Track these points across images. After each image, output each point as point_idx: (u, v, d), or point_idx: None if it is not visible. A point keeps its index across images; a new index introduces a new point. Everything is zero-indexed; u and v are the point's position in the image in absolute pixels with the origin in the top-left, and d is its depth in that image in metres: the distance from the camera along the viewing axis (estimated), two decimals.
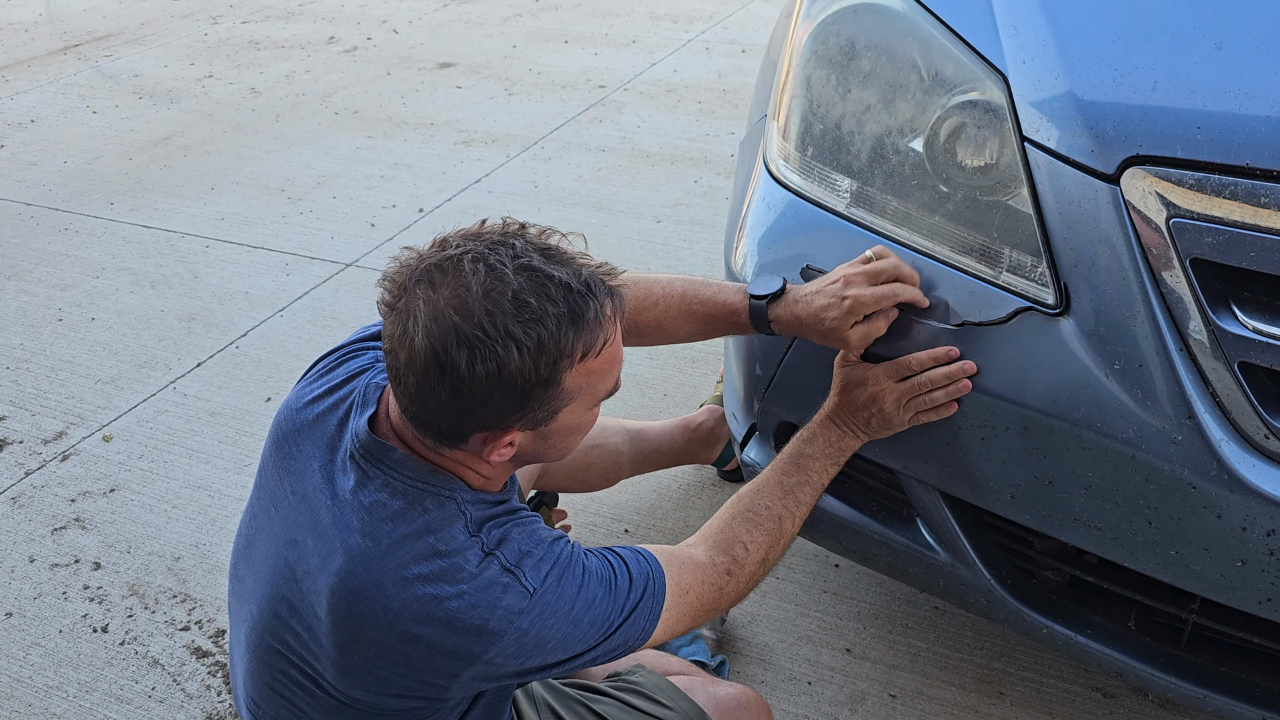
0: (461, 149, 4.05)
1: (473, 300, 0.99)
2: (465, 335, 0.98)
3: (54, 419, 2.53)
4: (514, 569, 1.08)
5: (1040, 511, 1.24)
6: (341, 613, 1.08)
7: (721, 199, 3.50)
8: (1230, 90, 1.08)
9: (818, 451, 1.35)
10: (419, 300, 1.01)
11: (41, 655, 1.88)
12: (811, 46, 1.46)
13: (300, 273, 3.17)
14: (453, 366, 0.98)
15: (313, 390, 1.22)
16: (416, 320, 1.00)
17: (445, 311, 0.99)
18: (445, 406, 1.02)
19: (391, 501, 1.08)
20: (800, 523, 1.35)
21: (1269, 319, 1.06)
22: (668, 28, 5.55)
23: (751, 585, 1.31)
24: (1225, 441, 1.08)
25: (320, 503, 1.12)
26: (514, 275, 1.00)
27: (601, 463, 1.92)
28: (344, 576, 1.07)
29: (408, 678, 1.08)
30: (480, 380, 0.99)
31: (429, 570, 1.05)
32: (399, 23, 5.90)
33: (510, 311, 0.99)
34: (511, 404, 1.02)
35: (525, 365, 0.99)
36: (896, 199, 1.33)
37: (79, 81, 5.06)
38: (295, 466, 1.17)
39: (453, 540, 1.07)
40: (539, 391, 1.03)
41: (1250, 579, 1.12)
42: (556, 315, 1.00)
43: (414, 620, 1.05)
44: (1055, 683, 1.73)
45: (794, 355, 1.41)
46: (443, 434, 1.06)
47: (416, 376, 1.01)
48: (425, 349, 0.99)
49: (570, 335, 1.02)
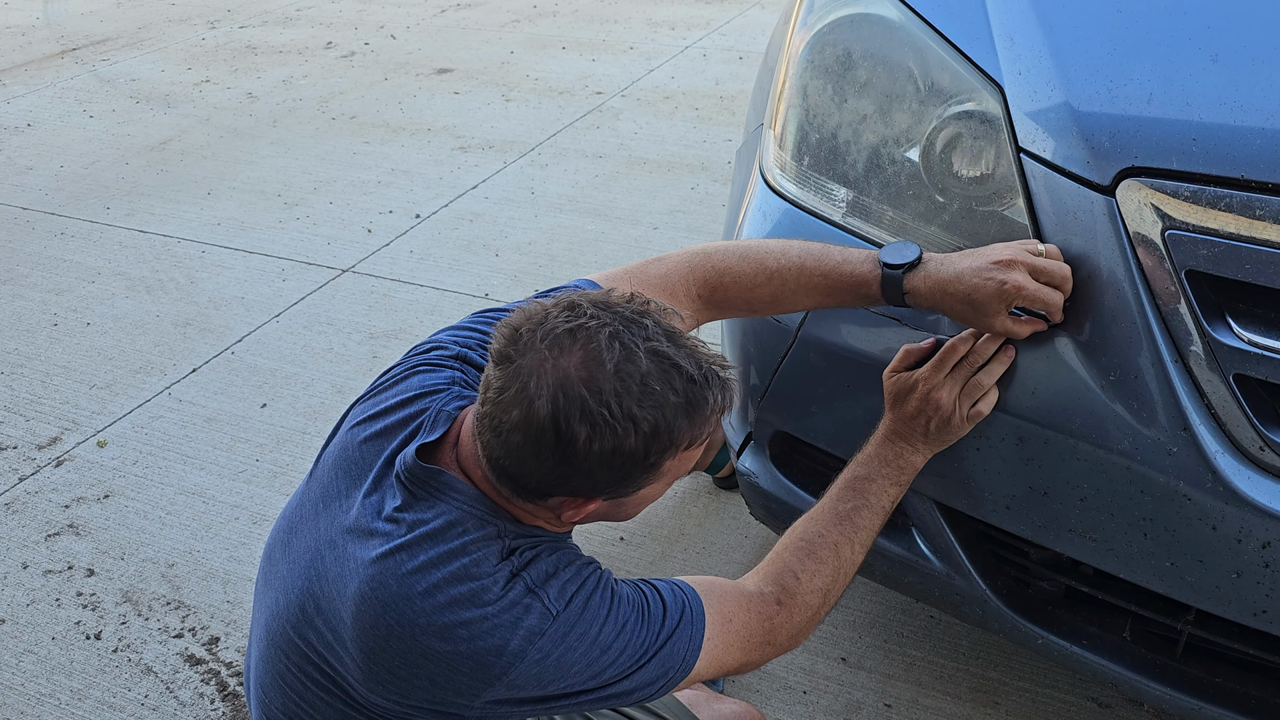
0: (458, 155, 4.05)
1: (604, 377, 0.98)
2: (590, 411, 0.97)
3: (48, 424, 2.52)
4: (538, 590, 1.07)
5: (1036, 522, 1.24)
6: (368, 621, 1.08)
7: (718, 206, 3.51)
8: (1226, 102, 1.08)
9: (874, 472, 1.28)
10: (547, 362, 0.99)
11: (34, 662, 1.87)
12: (808, 56, 1.46)
13: (296, 278, 3.17)
14: (570, 439, 0.98)
15: (387, 399, 1.21)
16: (542, 383, 0.98)
17: (574, 382, 0.98)
18: (545, 472, 1.02)
19: (434, 520, 1.08)
20: (863, 549, 1.27)
21: (1264, 331, 1.06)
22: (665, 34, 5.56)
23: (811, 618, 1.23)
24: (1220, 454, 1.08)
25: (368, 514, 1.13)
26: (645, 359, 1.00)
27: None
28: (375, 586, 1.07)
29: (429, 692, 1.08)
30: (593, 456, 0.99)
31: (458, 592, 1.05)
32: (396, 28, 5.90)
33: (637, 396, 0.98)
34: (610, 480, 1.03)
35: (638, 449, 1.00)
36: (892, 209, 1.33)
37: (76, 86, 5.05)
38: (354, 472, 1.18)
39: (485, 563, 1.07)
40: (639, 474, 1.04)
41: (1245, 591, 1.12)
42: (676, 405, 1.00)
43: (437, 637, 1.05)
44: (1050, 693, 1.73)
45: (789, 364, 1.41)
46: (527, 490, 1.05)
47: (526, 437, 1.00)
48: (547, 414, 0.98)
49: (684, 426, 1.02)
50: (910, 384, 1.26)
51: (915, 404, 1.26)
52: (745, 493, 1.60)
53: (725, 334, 1.60)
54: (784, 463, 1.53)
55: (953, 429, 1.25)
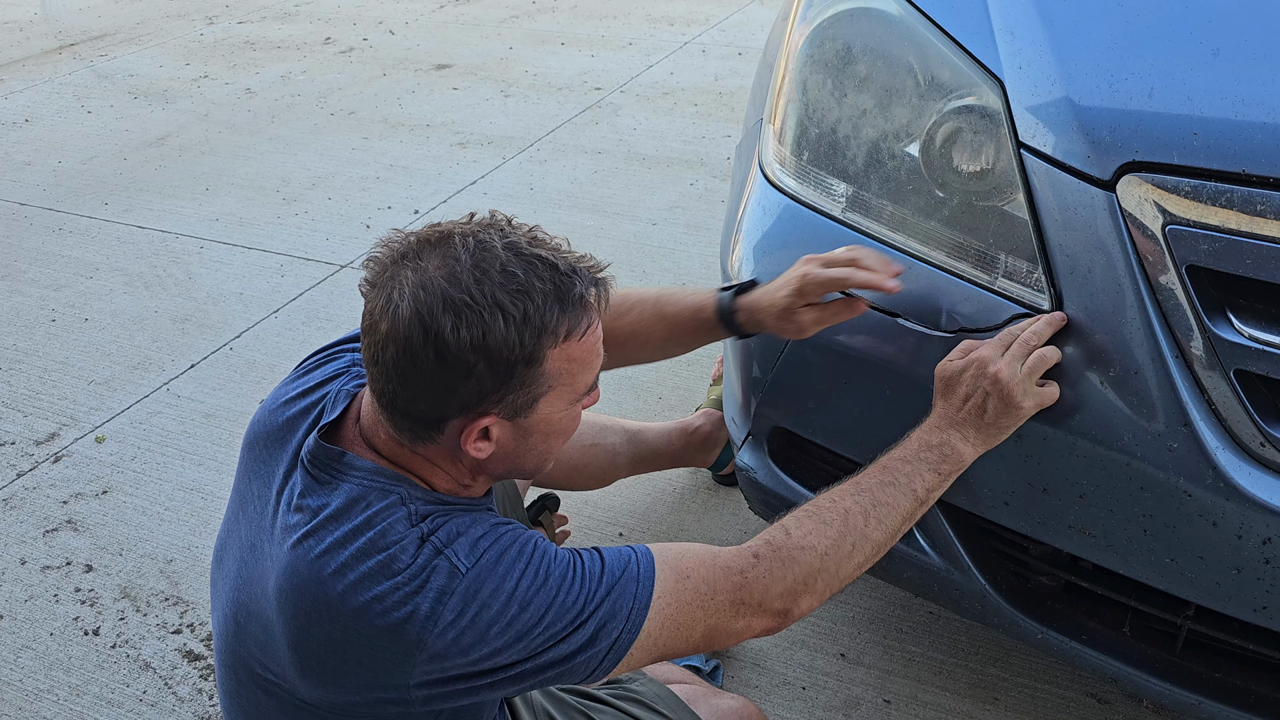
0: (457, 151, 4.04)
1: (461, 270, 0.99)
2: (452, 300, 0.98)
3: (46, 420, 2.52)
4: (444, 549, 1.04)
5: (1035, 519, 1.24)
6: (289, 613, 1.07)
7: (717, 202, 3.50)
8: (1227, 97, 1.07)
9: (912, 454, 1.18)
10: (406, 271, 1.01)
11: (32, 658, 1.87)
12: (808, 51, 1.46)
13: (295, 274, 3.16)
14: (437, 331, 0.98)
15: (288, 392, 1.21)
16: (403, 289, 1.00)
17: (434, 279, 0.99)
18: (427, 380, 1.00)
19: (335, 501, 1.07)
20: (881, 526, 1.15)
21: (1265, 327, 1.06)
22: (664, 30, 5.55)
23: (800, 578, 1.10)
24: (1221, 449, 1.08)
25: (281, 509, 1.12)
26: (502, 250, 1.01)
27: (598, 462, 1.92)
28: (289, 576, 1.07)
29: (360, 676, 1.06)
30: (465, 347, 0.98)
31: (367, 568, 1.03)
32: (395, 24, 5.89)
33: (498, 281, 0.99)
34: (493, 379, 1.01)
35: (510, 336, 0.99)
36: (892, 204, 1.33)
37: (74, 81, 5.04)
38: (264, 470, 1.17)
39: (392, 532, 1.05)
40: (521, 369, 1.02)
41: (1246, 587, 1.12)
42: (543, 291, 1.01)
43: (354, 617, 1.03)
44: (1050, 688, 1.73)
45: (787, 360, 1.41)
46: (419, 420, 1.04)
47: (398, 346, 1.00)
48: (410, 314, 0.98)
49: (555, 312, 1.01)
50: (962, 365, 1.19)
51: (969, 383, 1.17)
52: (744, 488, 1.60)
53: None
54: (783, 459, 1.53)
55: (1014, 410, 1.16)
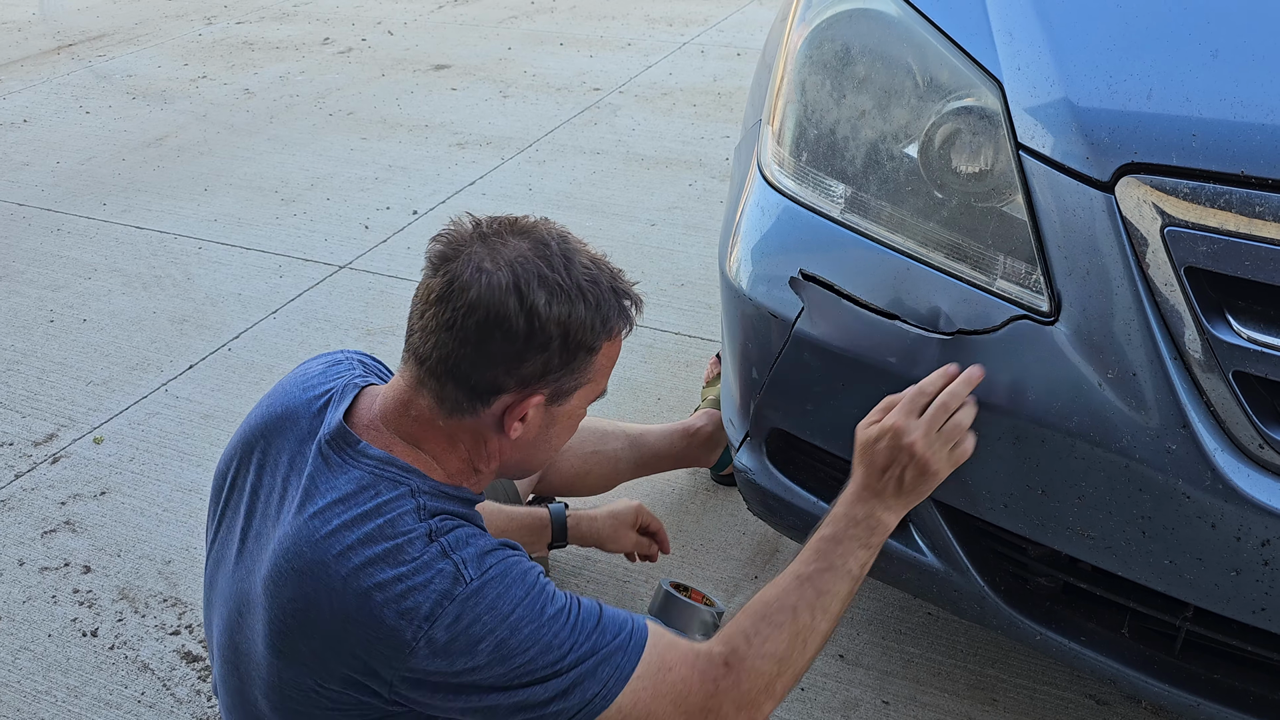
0: (456, 151, 4.04)
1: (553, 255, 1.08)
2: (546, 278, 1.06)
3: (45, 421, 2.52)
4: (452, 553, 1.06)
5: (1034, 520, 1.24)
6: (286, 588, 1.07)
7: (716, 203, 3.50)
8: (1226, 98, 1.07)
9: (840, 533, 1.21)
10: (498, 247, 1.08)
11: (30, 659, 1.87)
12: (806, 51, 1.46)
13: (293, 275, 3.16)
14: (533, 302, 1.05)
15: (290, 390, 1.24)
16: (497, 262, 1.06)
17: (528, 257, 1.07)
18: (505, 347, 1.06)
19: (345, 486, 1.09)
20: (826, 616, 1.18)
21: (1264, 328, 1.05)
22: (663, 31, 5.55)
23: (764, 688, 1.14)
24: (1220, 451, 1.08)
25: (285, 492, 1.14)
26: (576, 244, 1.12)
27: (601, 469, 1.94)
28: (290, 556, 1.08)
29: (345, 661, 1.06)
30: (552, 321, 1.06)
31: (373, 553, 1.05)
32: (394, 24, 5.89)
33: (580, 272, 1.09)
34: (560, 358, 1.09)
35: (587, 320, 1.09)
36: (891, 205, 1.33)
37: (72, 81, 5.04)
38: (269, 461, 1.19)
39: (401, 524, 1.07)
40: (583, 355, 1.11)
41: (1244, 589, 1.12)
42: (608, 289, 1.12)
43: (357, 600, 1.04)
44: (1048, 689, 1.73)
45: (784, 362, 1.41)
46: (474, 389, 1.08)
47: (488, 311, 1.05)
48: (507, 283, 1.05)
49: (615, 310, 1.13)
50: (878, 431, 1.20)
51: (886, 454, 1.19)
52: (743, 489, 1.60)
53: (725, 332, 1.59)
54: (781, 460, 1.52)
55: (930, 478, 1.19)
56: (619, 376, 2.57)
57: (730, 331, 1.53)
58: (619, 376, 2.57)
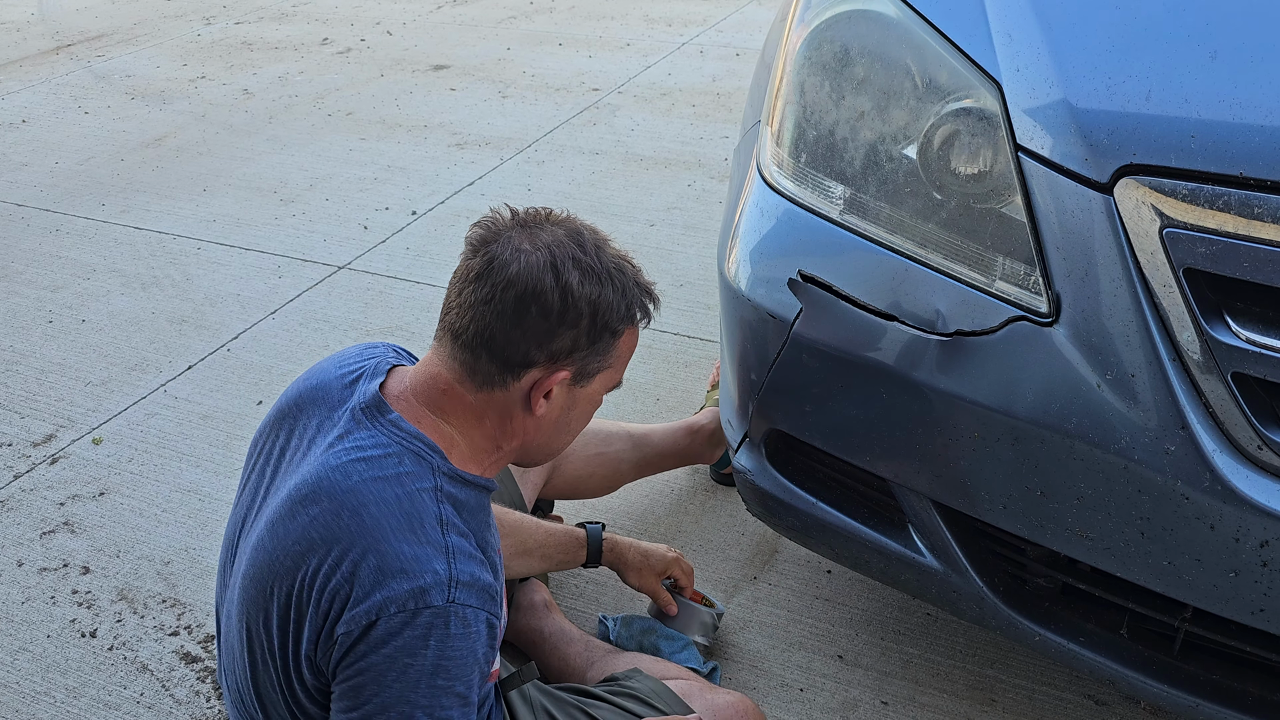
0: (455, 151, 4.04)
1: (585, 243, 1.17)
2: (580, 261, 1.15)
3: (43, 421, 2.51)
4: (453, 560, 1.10)
5: (1032, 521, 1.24)
6: (295, 533, 1.12)
7: (715, 203, 3.50)
8: (1224, 99, 1.07)
9: None
10: (537, 232, 1.16)
11: (29, 660, 1.87)
12: (806, 52, 1.46)
13: (292, 275, 3.16)
14: (567, 280, 1.13)
15: (329, 367, 1.29)
16: (536, 243, 1.14)
17: (564, 243, 1.15)
18: (539, 322, 1.13)
19: (372, 449, 1.14)
20: None
21: (1263, 329, 1.06)
22: (662, 31, 5.55)
23: None
24: (1218, 452, 1.08)
25: (309, 450, 1.19)
26: (605, 239, 1.21)
27: (604, 471, 1.96)
28: (305, 502, 1.13)
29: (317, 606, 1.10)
30: (583, 299, 1.14)
31: (387, 510, 1.10)
32: (393, 24, 5.89)
33: (611, 260, 1.18)
34: (588, 336, 1.16)
35: (616, 302, 1.17)
36: (890, 206, 1.33)
37: (71, 82, 5.04)
38: (297, 427, 1.24)
39: (418, 499, 1.12)
40: (608, 337, 1.18)
41: (1243, 590, 1.12)
42: (632, 278, 1.21)
43: (360, 542, 1.09)
44: (1047, 690, 1.73)
45: (783, 363, 1.41)
46: (506, 362, 1.15)
47: (526, 286, 1.12)
48: (545, 261, 1.13)
49: (639, 298, 1.21)
50: None
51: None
52: (742, 490, 1.60)
53: (723, 333, 1.60)
54: (779, 460, 1.53)
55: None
56: None
57: (729, 332, 1.53)
58: None
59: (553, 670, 1.71)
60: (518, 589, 1.82)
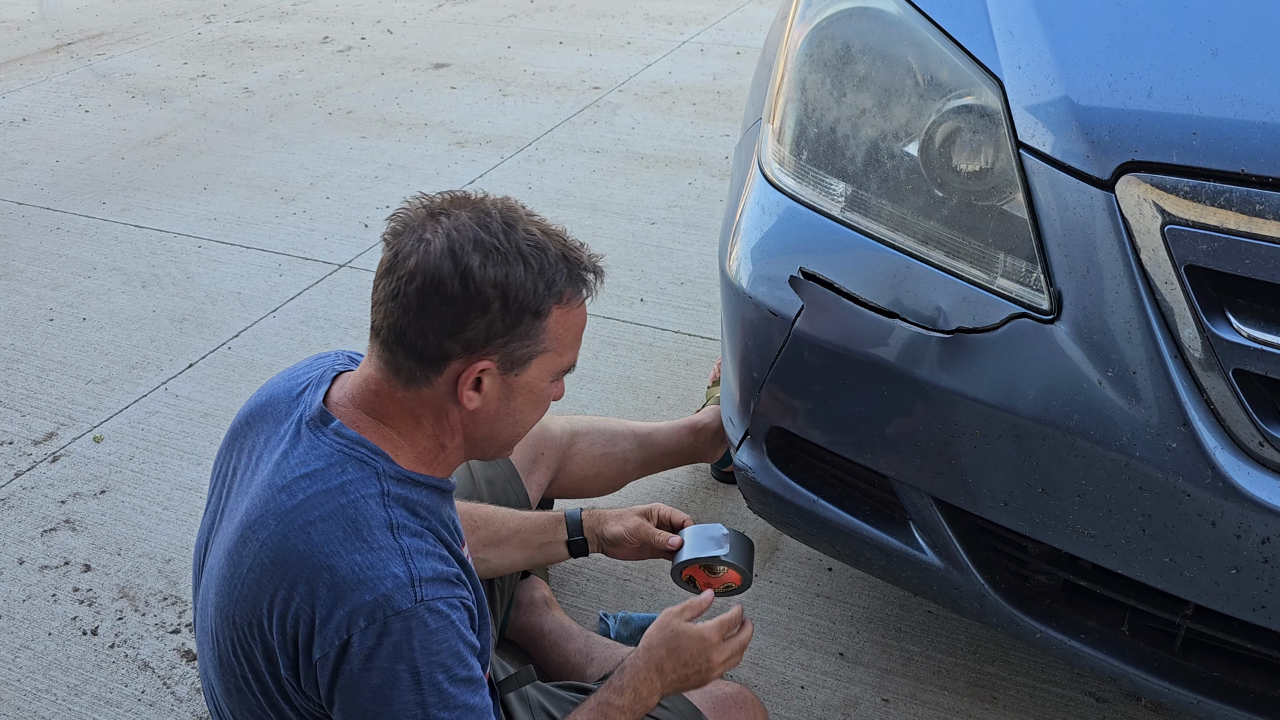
0: (455, 150, 4.04)
1: (492, 222, 1.10)
2: (482, 242, 1.08)
3: (44, 420, 2.52)
4: (410, 561, 1.08)
5: (1034, 518, 1.24)
6: (248, 562, 1.11)
7: (716, 201, 3.50)
8: (1226, 96, 1.07)
9: (626, 704, 1.30)
10: (440, 219, 1.10)
11: (30, 658, 1.87)
12: (807, 50, 1.46)
13: (293, 273, 3.16)
14: (466, 264, 1.07)
15: (277, 384, 1.27)
16: (436, 231, 1.09)
17: (466, 224, 1.09)
18: (444, 311, 1.07)
19: (315, 462, 1.12)
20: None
21: (1264, 326, 1.06)
22: (662, 29, 5.55)
23: None
24: (1220, 449, 1.08)
25: (258, 468, 1.17)
26: (524, 216, 1.13)
27: (610, 471, 1.95)
28: (254, 527, 1.11)
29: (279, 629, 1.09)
30: (488, 282, 1.07)
31: (333, 524, 1.08)
32: (393, 23, 5.89)
33: (522, 236, 1.10)
34: (504, 321, 1.09)
35: (527, 282, 1.09)
36: (891, 203, 1.33)
37: (71, 80, 5.04)
38: (246, 445, 1.22)
39: (363, 506, 1.09)
40: (529, 319, 1.10)
41: (1244, 586, 1.12)
42: (555, 254, 1.12)
43: (311, 562, 1.07)
44: (1048, 687, 1.73)
45: (784, 361, 1.41)
46: (422, 357, 1.10)
47: (425, 277, 1.07)
48: (443, 248, 1.07)
49: (564, 274, 1.12)
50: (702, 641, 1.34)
51: (693, 655, 1.33)
52: (742, 487, 1.60)
53: (724, 331, 1.60)
54: (780, 458, 1.53)
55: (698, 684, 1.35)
56: (618, 375, 2.57)
57: (730, 330, 1.54)
58: (618, 375, 2.57)
59: (553, 667, 1.71)
60: (518, 586, 1.82)
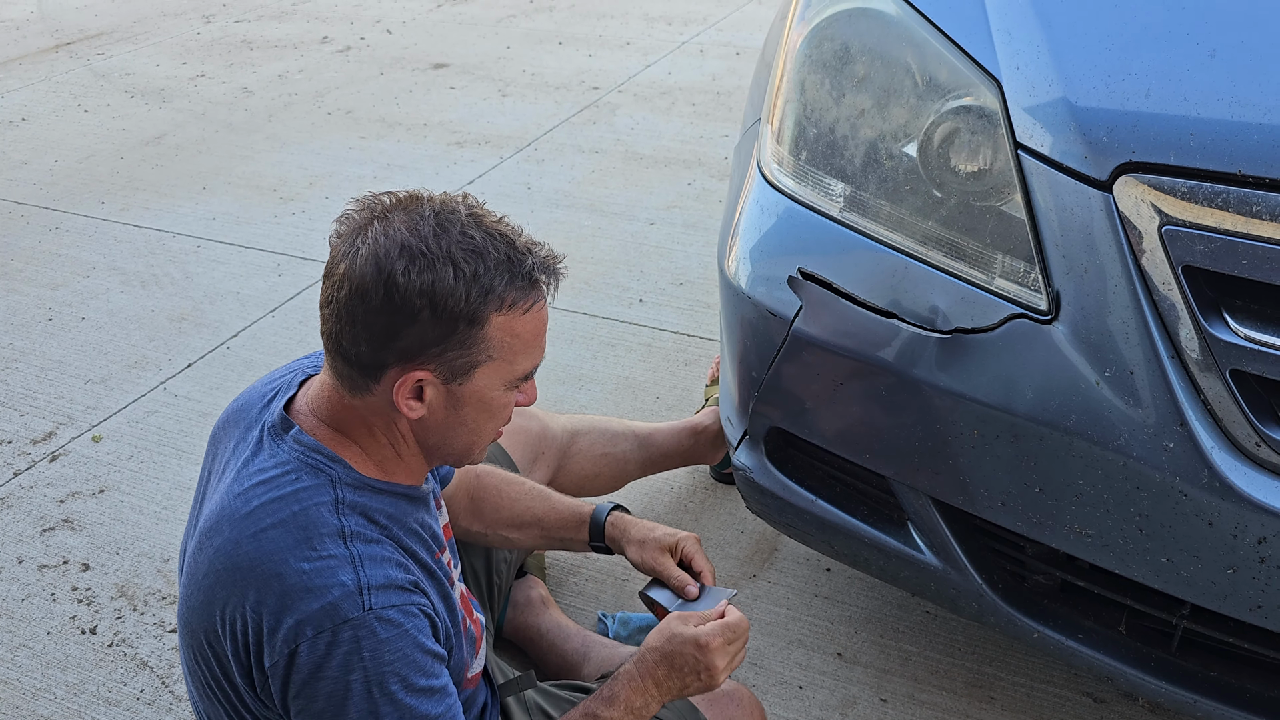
0: (454, 150, 4.04)
1: (423, 224, 1.05)
2: (409, 247, 1.03)
3: (43, 419, 2.52)
4: (360, 567, 1.06)
5: (1031, 518, 1.24)
6: (203, 569, 1.10)
7: (715, 202, 3.50)
8: (1223, 97, 1.08)
9: (616, 717, 1.26)
10: (375, 223, 1.06)
11: (29, 657, 1.87)
12: (806, 50, 1.46)
13: (292, 273, 3.16)
14: (390, 272, 1.03)
15: (254, 391, 1.26)
16: (367, 237, 1.05)
17: (397, 228, 1.05)
18: (373, 319, 1.04)
19: (272, 470, 1.11)
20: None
21: (1261, 327, 1.06)
22: (662, 30, 5.55)
23: None
24: (1216, 449, 1.09)
25: (223, 475, 1.17)
26: (465, 217, 1.07)
27: (610, 471, 1.95)
28: (209, 534, 1.11)
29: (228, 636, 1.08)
30: (413, 290, 1.03)
31: (284, 531, 1.07)
32: (392, 23, 5.89)
33: (456, 239, 1.05)
34: (435, 330, 1.05)
35: (457, 289, 1.04)
36: (890, 204, 1.33)
37: (70, 80, 5.03)
38: (221, 450, 1.22)
39: (314, 514, 1.08)
40: (464, 327, 1.05)
41: (1241, 586, 1.12)
42: (495, 258, 1.06)
43: (260, 581, 1.06)
44: (1046, 687, 1.73)
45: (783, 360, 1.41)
46: (359, 365, 1.07)
47: (352, 285, 1.04)
48: (368, 255, 1.04)
49: (504, 279, 1.06)
50: (694, 638, 1.26)
51: (691, 660, 1.26)
52: (741, 487, 1.60)
53: (723, 331, 1.60)
54: (779, 458, 1.53)
55: (703, 690, 1.28)
56: (617, 375, 2.57)
57: (729, 330, 1.54)
58: (617, 375, 2.57)
59: (550, 666, 1.71)
60: (515, 585, 1.83)
